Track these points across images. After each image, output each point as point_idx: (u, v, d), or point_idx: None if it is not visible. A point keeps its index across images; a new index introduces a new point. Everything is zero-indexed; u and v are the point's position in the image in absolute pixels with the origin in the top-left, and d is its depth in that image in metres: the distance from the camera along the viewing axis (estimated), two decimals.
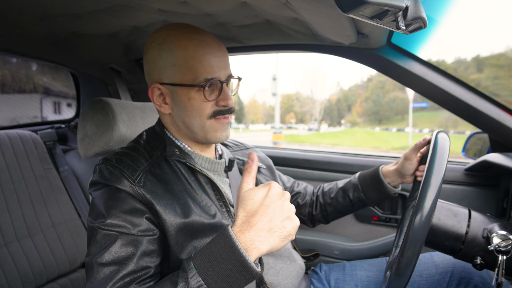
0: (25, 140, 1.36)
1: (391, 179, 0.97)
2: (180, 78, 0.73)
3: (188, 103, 0.74)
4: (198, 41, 0.73)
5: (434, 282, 0.89)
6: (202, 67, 0.72)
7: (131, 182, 0.69)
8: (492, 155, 1.08)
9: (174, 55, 0.72)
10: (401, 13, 0.51)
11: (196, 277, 0.55)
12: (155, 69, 0.76)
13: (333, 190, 1.07)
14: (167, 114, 0.79)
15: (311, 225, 1.12)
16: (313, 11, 0.77)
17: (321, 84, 74.24)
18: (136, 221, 0.67)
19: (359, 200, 1.01)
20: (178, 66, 0.73)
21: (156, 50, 0.74)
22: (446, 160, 0.64)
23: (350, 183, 1.04)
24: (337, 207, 1.05)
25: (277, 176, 1.07)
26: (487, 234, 0.65)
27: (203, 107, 0.75)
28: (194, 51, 0.72)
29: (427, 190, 0.60)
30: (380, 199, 1.00)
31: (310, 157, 1.54)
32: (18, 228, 1.22)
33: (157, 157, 0.77)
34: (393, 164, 0.98)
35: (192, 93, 0.73)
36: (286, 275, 0.87)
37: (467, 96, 1.05)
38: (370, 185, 1.00)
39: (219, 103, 0.76)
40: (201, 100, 0.74)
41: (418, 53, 1.08)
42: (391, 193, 0.98)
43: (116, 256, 0.63)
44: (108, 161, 0.73)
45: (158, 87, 0.76)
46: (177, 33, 0.74)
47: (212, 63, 0.73)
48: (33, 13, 0.85)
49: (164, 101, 0.77)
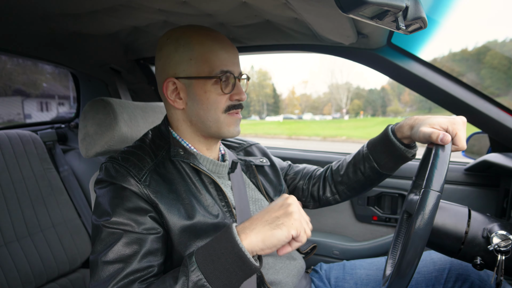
0: (25, 140, 1.36)
1: (405, 135, 0.82)
2: (197, 72, 0.75)
3: (204, 96, 0.76)
4: (214, 37, 0.76)
5: (431, 279, 0.89)
6: (219, 60, 0.75)
7: (137, 181, 0.70)
8: (492, 155, 1.08)
9: (191, 49, 0.75)
10: (401, 13, 0.51)
11: (197, 271, 0.56)
12: (170, 64, 0.77)
13: (342, 166, 0.98)
14: (180, 109, 0.80)
15: (318, 204, 1.05)
16: (313, 11, 0.77)
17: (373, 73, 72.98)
18: (140, 220, 0.67)
19: (372, 171, 0.90)
20: (195, 60, 0.75)
21: (173, 46, 0.76)
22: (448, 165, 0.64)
23: (359, 155, 0.93)
24: (350, 184, 0.96)
25: (280, 174, 1.05)
26: (487, 234, 0.65)
27: (219, 101, 0.76)
28: (210, 45, 0.75)
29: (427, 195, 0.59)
30: (395, 165, 0.88)
31: (310, 157, 1.54)
32: (18, 228, 1.22)
33: (162, 157, 0.78)
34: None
35: (208, 86, 0.75)
36: (287, 274, 0.87)
37: (467, 96, 1.06)
38: (381, 150, 0.87)
39: (233, 98, 0.78)
40: (217, 93, 0.76)
41: (418, 53, 1.08)
42: (408, 155, 0.84)
43: (120, 254, 0.64)
44: (115, 159, 0.74)
45: (173, 82, 0.77)
46: (193, 30, 0.77)
47: (227, 57, 0.76)
48: (33, 13, 0.85)
49: (178, 96, 0.78)
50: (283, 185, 1.01)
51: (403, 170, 1.00)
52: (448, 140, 0.68)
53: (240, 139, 1.08)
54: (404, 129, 0.82)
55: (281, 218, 0.60)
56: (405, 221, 0.79)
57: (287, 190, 1.03)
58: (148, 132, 0.85)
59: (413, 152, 0.85)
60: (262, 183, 0.95)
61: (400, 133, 0.83)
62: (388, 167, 0.89)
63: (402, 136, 0.83)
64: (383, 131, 0.88)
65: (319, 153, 1.58)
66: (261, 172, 0.99)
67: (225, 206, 0.80)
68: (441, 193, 0.59)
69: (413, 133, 0.79)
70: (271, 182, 0.98)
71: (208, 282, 0.56)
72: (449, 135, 0.69)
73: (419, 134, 0.74)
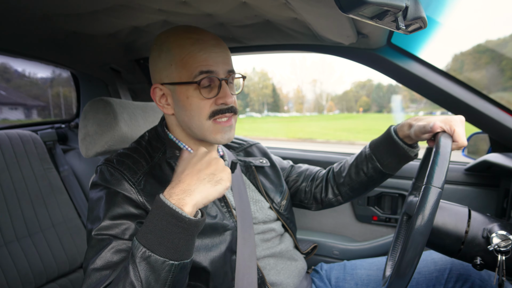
0: (25, 140, 1.36)
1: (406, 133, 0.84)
2: (178, 77, 0.74)
3: (186, 102, 0.74)
4: (194, 40, 0.73)
5: (432, 279, 0.89)
6: (196, 62, 0.72)
7: (131, 185, 0.70)
8: (492, 155, 1.08)
9: (172, 55, 0.73)
10: (401, 13, 0.51)
11: (139, 246, 0.56)
12: (156, 70, 0.77)
13: (344, 168, 0.99)
14: (171, 114, 0.80)
15: (320, 206, 1.05)
16: (313, 11, 0.77)
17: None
18: (130, 226, 0.67)
19: (375, 171, 0.91)
20: (175, 65, 0.73)
21: (157, 52, 0.76)
22: (448, 162, 0.64)
23: (361, 156, 0.94)
24: (352, 185, 0.97)
25: (281, 174, 1.05)
26: (487, 234, 0.65)
27: (202, 106, 0.74)
28: (189, 48, 0.73)
29: (428, 191, 0.59)
30: (398, 164, 0.89)
31: (310, 157, 1.54)
32: (18, 228, 1.22)
33: (158, 159, 0.78)
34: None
35: (190, 91, 0.73)
36: (288, 274, 0.87)
37: (467, 96, 1.06)
38: (384, 150, 0.88)
39: (218, 102, 0.74)
40: (199, 98, 0.73)
41: (418, 53, 1.08)
42: (410, 155, 0.86)
43: (107, 261, 0.63)
44: (110, 162, 0.74)
45: (159, 88, 0.77)
46: (176, 34, 0.75)
47: (208, 58, 0.73)
48: (33, 13, 0.85)
49: (167, 101, 0.78)
50: (283, 186, 1.01)
51: (403, 170, 1.00)
52: (436, 126, 0.73)
53: (240, 139, 1.08)
54: (405, 128, 0.84)
55: (218, 174, 0.63)
56: (404, 223, 0.79)
57: (287, 190, 1.03)
58: (145, 134, 0.85)
59: (415, 151, 0.87)
60: (262, 184, 0.95)
61: (402, 132, 0.85)
62: (391, 167, 0.90)
63: (403, 135, 0.85)
64: (386, 132, 0.89)
65: (319, 153, 1.57)
66: (261, 172, 0.98)
67: (224, 207, 0.80)
68: (442, 189, 0.59)
69: (411, 130, 0.81)
70: (271, 182, 0.98)
71: (151, 251, 0.55)
72: (439, 123, 0.74)
73: (416, 128, 0.78)
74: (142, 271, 0.55)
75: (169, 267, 0.56)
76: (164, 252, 0.55)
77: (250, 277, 0.76)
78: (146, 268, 0.55)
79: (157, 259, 0.55)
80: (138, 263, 0.55)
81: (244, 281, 0.75)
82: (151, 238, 0.56)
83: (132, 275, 0.55)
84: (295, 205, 1.10)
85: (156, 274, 0.55)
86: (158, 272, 0.55)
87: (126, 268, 0.56)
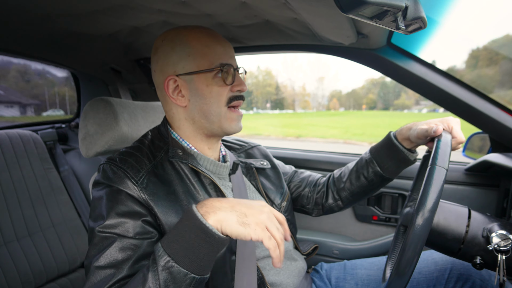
0: (26, 139, 1.36)
1: (405, 137, 0.87)
2: (197, 66, 0.76)
3: (206, 90, 0.77)
4: (209, 33, 0.78)
5: (433, 279, 0.89)
6: (216, 54, 0.77)
7: (134, 183, 0.70)
8: (492, 155, 1.08)
9: (188, 46, 0.76)
10: (401, 13, 0.51)
11: (163, 254, 0.56)
12: (168, 64, 0.78)
13: (344, 173, 1.01)
14: (183, 107, 0.80)
15: (321, 211, 1.07)
16: (312, 11, 0.77)
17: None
18: (134, 224, 0.67)
19: (376, 175, 0.93)
20: (193, 56, 0.76)
21: (169, 46, 0.77)
22: (448, 162, 0.64)
23: (362, 161, 0.97)
24: (352, 190, 0.99)
25: (282, 176, 1.05)
26: (486, 234, 0.65)
27: (221, 93, 0.77)
28: (206, 40, 0.77)
29: (428, 190, 0.59)
30: (398, 168, 0.91)
31: (310, 157, 1.54)
32: (18, 228, 1.22)
33: (160, 158, 0.78)
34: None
35: (209, 80, 0.77)
36: (288, 274, 0.87)
37: (467, 96, 1.06)
38: (385, 154, 0.91)
39: (234, 89, 0.79)
40: (219, 85, 0.77)
41: (418, 53, 1.08)
42: (410, 159, 0.89)
43: (112, 259, 0.63)
44: (112, 160, 0.74)
45: (174, 79, 0.78)
46: (188, 29, 0.79)
47: (224, 51, 0.78)
48: (33, 13, 0.85)
49: (180, 93, 0.79)
50: (284, 187, 1.01)
51: (403, 170, 1.00)
52: (440, 130, 0.76)
53: (242, 140, 1.08)
54: (404, 131, 0.88)
55: (249, 218, 0.58)
56: (401, 234, 0.79)
57: (288, 193, 1.03)
58: (148, 133, 0.85)
59: (414, 156, 0.90)
60: (263, 186, 0.95)
61: (401, 135, 0.89)
62: (391, 171, 0.92)
63: (402, 138, 0.88)
64: (386, 137, 0.93)
65: (319, 153, 1.58)
66: (262, 174, 0.98)
67: None
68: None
69: (411, 133, 0.84)
70: (272, 184, 0.98)
71: (175, 262, 0.55)
72: (441, 126, 0.77)
73: (417, 131, 0.81)
74: (162, 280, 0.55)
75: (190, 280, 0.56)
76: (188, 265, 0.56)
77: (250, 277, 0.77)
78: (167, 277, 0.55)
79: (180, 271, 0.55)
80: (160, 271, 0.55)
81: (243, 281, 0.75)
82: (177, 248, 0.56)
83: (151, 282, 0.55)
84: (296, 210, 1.11)
85: (176, 285, 0.55)
86: (179, 283, 0.56)
87: (145, 275, 0.56)
